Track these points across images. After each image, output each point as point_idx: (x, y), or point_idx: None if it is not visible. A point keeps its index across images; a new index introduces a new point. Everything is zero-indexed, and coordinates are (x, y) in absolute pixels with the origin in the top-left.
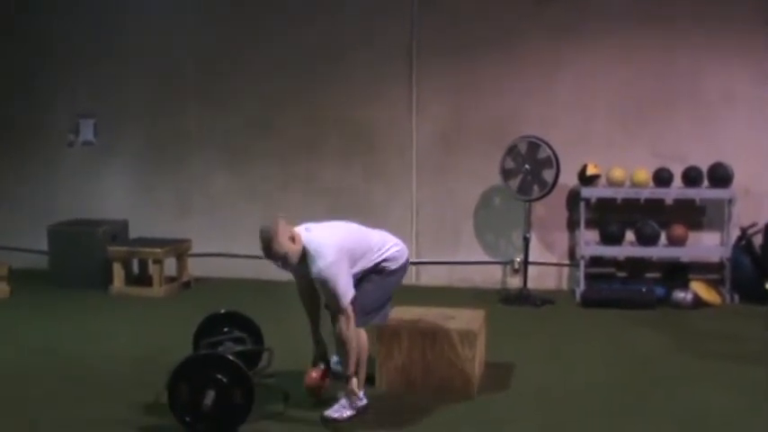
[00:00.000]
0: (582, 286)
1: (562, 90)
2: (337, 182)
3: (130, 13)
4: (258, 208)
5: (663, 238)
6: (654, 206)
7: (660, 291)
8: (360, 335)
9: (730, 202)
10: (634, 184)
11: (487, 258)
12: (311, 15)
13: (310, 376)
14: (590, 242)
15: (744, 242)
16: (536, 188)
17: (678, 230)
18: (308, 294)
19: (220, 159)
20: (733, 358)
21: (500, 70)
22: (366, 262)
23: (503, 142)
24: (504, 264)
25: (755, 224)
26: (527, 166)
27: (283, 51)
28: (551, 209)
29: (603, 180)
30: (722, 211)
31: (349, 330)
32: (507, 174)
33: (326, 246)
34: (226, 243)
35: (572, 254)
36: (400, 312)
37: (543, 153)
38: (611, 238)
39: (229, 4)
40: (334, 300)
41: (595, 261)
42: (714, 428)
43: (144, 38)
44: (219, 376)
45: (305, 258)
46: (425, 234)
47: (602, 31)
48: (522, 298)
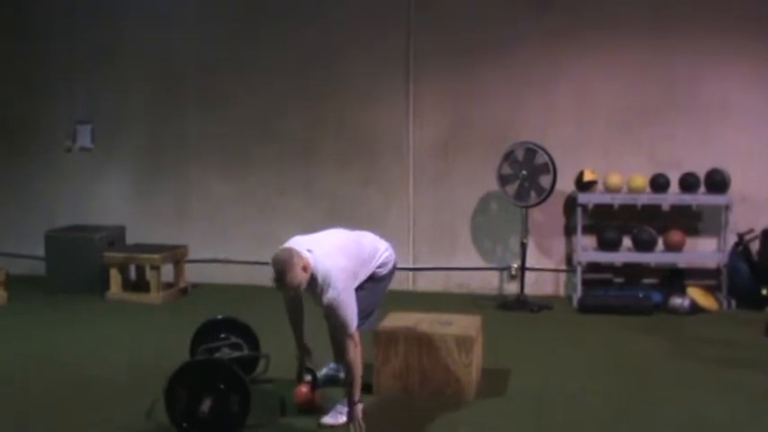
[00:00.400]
0: (579, 292)
1: (559, 96)
2: (335, 187)
3: (128, 19)
4: (256, 214)
5: (660, 244)
6: (651, 212)
7: (657, 297)
8: (351, 347)
9: (727, 208)
10: (631, 190)
11: (484, 264)
12: (309, 22)
13: (300, 391)
14: (587, 248)
15: (741, 248)
16: (533, 194)
17: (675, 236)
18: (294, 306)
19: (218, 165)
20: (730, 364)
21: (497, 76)
22: (363, 275)
23: (500, 148)
24: (501, 270)
25: (752, 230)
26: (524, 172)
27: (281, 58)
28: (548, 215)
29: (600, 186)
30: (719, 217)
31: (357, 356)
32: (504, 179)
33: (335, 273)
34: (223, 249)
35: (569, 260)
36: (397, 318)
37: (540, 159)
38: (608, 244)
39: (227, 11)
40: (342, 327)
41: (592, 267)
42: None
43: (142, 43)
44: (217, 382)
45: (311, 284)
46: (423, 240)
47: (599, 38)
48: (520, 304)
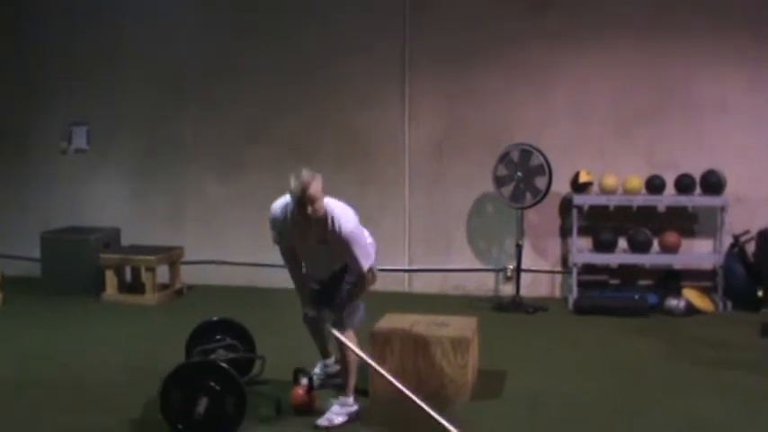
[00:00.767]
0: (575, 293)
1: (555, 97)
2: (331, 189)
3: (125, 21)
4: (251, 215)
5: (655, 246)
6: (646, 213)
7: (653, 298)
8: (350, 337)
9: (723, 210)
10: (627, 192)
11: (480, 265)
12: (306, 25)
13: (297, 393)
14: (583, 249)
15: (736, 249)
16: (528, 195)
17: (671, 238)
18: (294, 258)
19: (213, 167)
20: (726, 365)
21: (493, 77)
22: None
23: (495, 149)
24: (496, 271)
25: (748, 231)
26: (519, 174)
27: (278, 60)
28: (544, 216)
29: (596, 187)
30: (715, 219)
31: (372, 282)
32: (500, 181)
33: (350, 212)
34: (219, 250)
35: (565, 261)
36: (393, 319)
37: (536, 160)
38: (603, 246)
39: (225, 13)
40: (360, 260)
41: (588, 268)
42: None
43: (138, 45)
44: (212, 383)
45: (324, 220)
46: (418, 241)
47: (595, 39)
48: (515, 305)
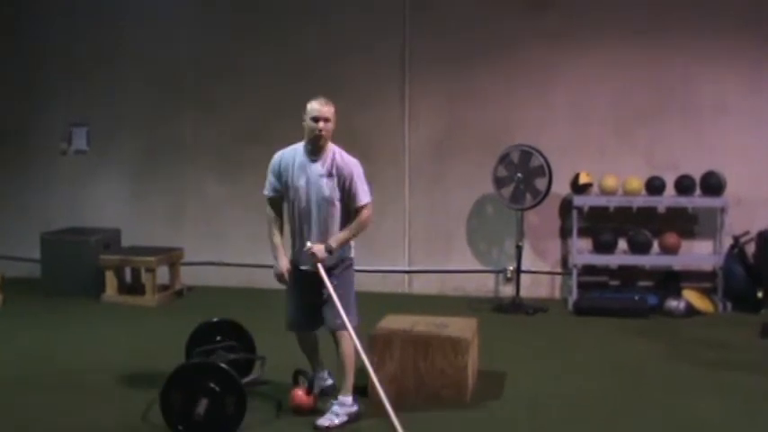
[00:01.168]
0: (574, 295)
1: (555, 99)
2: None
3: (125, 22)
4: (251, 216)
5: (655, 247)
6: (646, 214)
7: (653, 299)
8: (347, 340)
9: (722, 211)
10: (626, 193)
11: (480, 267)
12: (306, 24)
13: (297, 395)
14: (582, 250)
15: (736, 251)
16: (528, 196)
17: (671, 239)
18: (280, 215)
19: (213, 168)
20: (726, 367)
21: (493, 78)
22: None
23: (495, 151)
24: (496, 272)
25: (748, 233)
26: (519, 175)
27: (278, 60)
28: (544, 217)
29: (596, 188)
30: (714, 220)
31: (371, 220)
32: (500, 182)
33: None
34: (218, 251)
35: (565, 262)
36: (393, 321)
37: (536, 161)
38: (603, 247)
39: (225, 13)
40: (361, 192)
41: (588, 269)
42: None
43: (138, 46)
44: (212, 384)
45: (327, 155)
46: (418, 242)
47: (595, 41)
48: (515, 306)
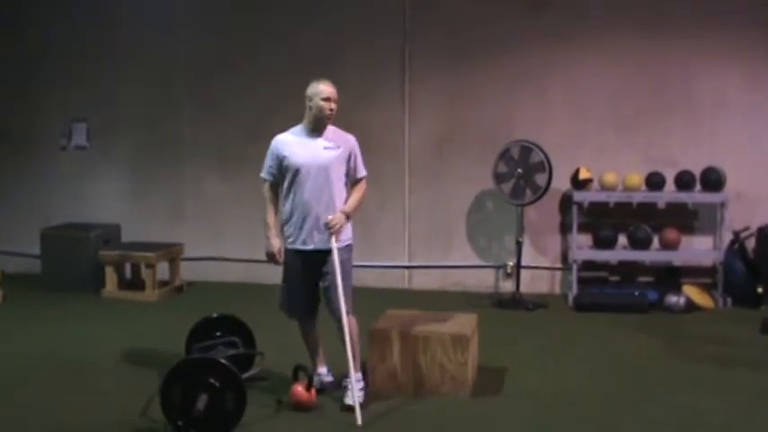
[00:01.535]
0: (574, 290)
1: (555, 94)
2: None
3: (125, 18)
4: (251, 212)
5: (655, 242)
6: (646, 210)
7: (653, 295)
8: (352, 322)
9: (722, 206)
10: (626, 188)
11: (480, 262)
12: (305, 21)
13: (297, 390)
14: (582, 246)
15: (736, 246)
16: (528, 192)
17: (671, 234)
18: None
19: (213, 164)
20: (725, 362)
21: (493, 75)
22: None
23: (495, 146)
24: (496, 268)
25: (748, 228)
26: (520, 170)
27: (277, 56)
28: (544, 213)
29: (596, 184)
30: (714, 215)
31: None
32: (500, 178)
33: None
34: (218, 247)
35: (565, 258)
36: (392, 316)
37: (536, 157)
38: (603, 242)
39: (224, 11)
40: (360, 167)
41: (588, 265)
42: None
43: (138, 42)
44: (212, 380)
45: (329, 132)
46: (418, 238)
47: (594, 37)
48: (515, 302)
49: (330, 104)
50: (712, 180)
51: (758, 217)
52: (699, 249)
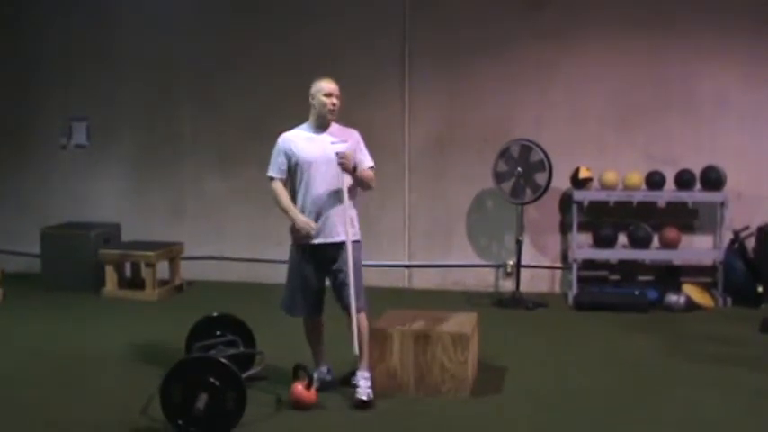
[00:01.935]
0: (575, 289)
1: (555, 93)
2: None
3: (124, 17)
4: (251, 211)
5: (655, 242)
6: (646, 209)
7: (653, 294)
8: (363, 319)
9: (723, 206)
10: (626, 188)
11: (480, 261)
12: (305, 20)
13: (297, 389)
14: (583, 245)
15: (736, 245)
16: (528, 191)
17: (671, 233)
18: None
19: (213, 163)
20: (725, 361)
21: (493, 74)
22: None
23: (495, 145)
24: (496, 267)
25: (748, 227)
26: (520, 170)
27: (277, 55)
28: (544, 212)
29: (596, 183)
30: (715, 215)
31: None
32: (500, 177)
33: None
34: (218, 246)
35: (565, 257)
36: (392, 315)
37: (536, 156)
38: (603, 241)
39: (225, 10)
40: (366, 158)
41: (588, 264)
42: (706, 431)
43: (137, 41)
44: (212, 379)
45: (334, 128)
46: (418, 237)
47: (595, 36)
48: (515, 301)
49: (332, 100)
50: (712, 179)
51: (758, 216)
52: (699, 248)
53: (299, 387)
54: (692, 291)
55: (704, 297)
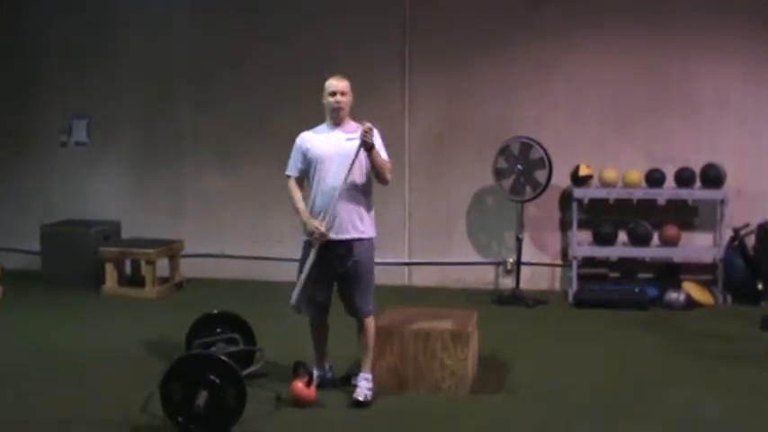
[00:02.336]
0: (574, 287)
1: (555, 91)
2: None
3: (125, 15)
4: (251, 209)
5: (655, 239)
6: (646, 207)
7: (653, 291)
8: (371, 323)
9: (723, 203)
10: (626, 185)
11: (480, 259)
12: (305, 20)
13: (297, 386)
14: (582, 243)
15: (736, 243)
16: (528, 189)
17: (671, 231)
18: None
19: (213, 160)
20: (725, 359)
21: (493, 71)
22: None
23: (495, 143)
24: (496, 264)
25: (748, 225)
26: (519, 167)
27: (277, 54)
28: (544, 209)
29: (596, 181)
30: (715, 212)
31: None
32: (500, 174)
33: None
34: (218, 244)
35: (565, 254)
36: (393, 313)
37: (536, 153)
38: (603, 239)
39: (224, 8)
40: (382, 154)
41: (588, 262)
42: (706, 429)
43: (138, 39)
44: (212, 377)
45: (351, 126)
46: (418, 235)
47: (594, 34)
48: (515, 298)
49: (337, 98)
50: (712, 177)
51: (758, 214)
52: (699, 246)
53: (299, 384)
54: (692, 288)
55: (704, 294)
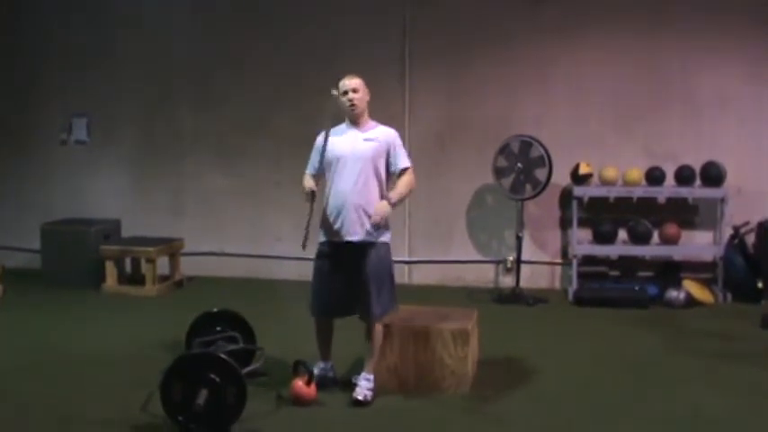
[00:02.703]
0: (575, 285)
1: (555, 89)
2: None
3: (125, 15)
4: (251, 208)
5: (655, 237)
6: (646, 205)
7: (653, 290)
8: (378, 326)
9: (723, 201)
10: (626, 183)
11: (480, 257)
12: (305, 20)
13: (297, 385)
14: (583, 241)
15: (736, 241)
16: (528, 187)
17: (671, 229)
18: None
19: (214, 159)
20: (725, 357)
21: (493, 71)
22: None
23: (495, 141)
24: (496, 263)
25: (748, 223)
26: (519, 165)
27: (278, 54)
28: (544, 208)
29: (596, 179)
30: (715, 210)
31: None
32: (500, 172)
33: None
34: (218, 242)
35: (565, 253)
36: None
37: (536, 152)
38: (603, 237)
39: (225, 7)
40: (402, 158)
41: (588, 260)
42: (707, 428)
43: (138, 39)
44: (212, 375)
45: (369, 126)
46: (418, 233)
47: (594, 33)
48: (515, 297)
49: (349, 95)
50: (712, 175)
51: (758, 212)
52: (699, 244)
53: (299, 383)
54: (692, 287)
55: (704, 293)
